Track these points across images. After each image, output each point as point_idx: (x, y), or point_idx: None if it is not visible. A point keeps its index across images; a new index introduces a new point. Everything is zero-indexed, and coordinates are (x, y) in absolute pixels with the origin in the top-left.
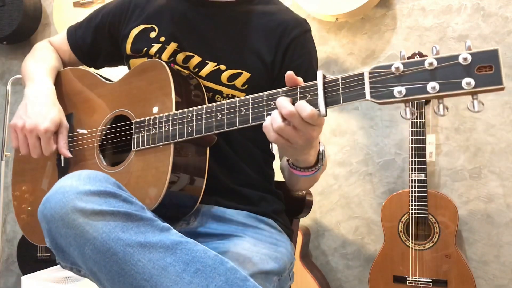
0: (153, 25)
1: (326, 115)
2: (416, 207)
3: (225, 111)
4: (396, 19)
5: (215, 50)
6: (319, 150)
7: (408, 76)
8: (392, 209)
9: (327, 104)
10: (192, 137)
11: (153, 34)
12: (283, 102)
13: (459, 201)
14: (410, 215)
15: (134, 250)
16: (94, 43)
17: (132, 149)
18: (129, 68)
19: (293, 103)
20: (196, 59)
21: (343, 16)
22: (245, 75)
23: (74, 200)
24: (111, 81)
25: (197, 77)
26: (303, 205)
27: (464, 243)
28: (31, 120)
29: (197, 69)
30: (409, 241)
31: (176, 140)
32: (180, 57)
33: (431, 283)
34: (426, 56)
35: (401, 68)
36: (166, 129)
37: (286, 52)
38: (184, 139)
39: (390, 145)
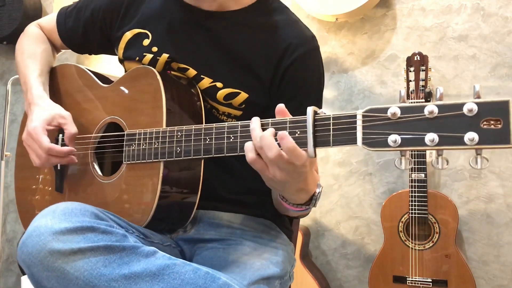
0: (146, 31)
1: (315, 156)
2: (416, 207)
3: (213, 136)
4: (396, 19)
5: (211, 65)
6: (314, 192)
7: (405, 124)
8: (392, 209)
9: (316, 144)
10: (181, 158)
11: (146, 42)
12: (270, 144)
13: (459, 201)
14: (410, 215)
15: (119, 284)
16: (85, 36)
17: (123, 162)
18: (124, 68)
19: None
20: (192, 72)
21: (343, 16)
22: (243, 95)
23: (51, 241)
24: (106, 79)
25: (197, 86)
26: None
27: (464, 243)
28: (25, 130)
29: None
30: (409, 241)
31: (165, 159)
32: (174, 66)
33: (431, 283)
34: (426, 56)
35: (398, 113)
36: (155, 146)
37: (286, 73)
38: (173, 159)
39: None
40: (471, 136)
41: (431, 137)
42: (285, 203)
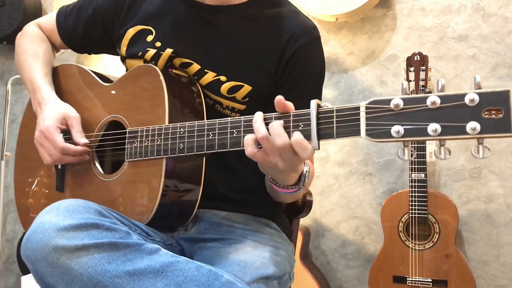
0: (150, 27)
1: (319, 148)
2: (416, 207)
3: (216, 131)
4: (396, 19)
5: (214, 59)
6: (302, 171)
7: (408, 114)
8: (392, 209)
9: (320, 137)
10: (184, 154)
11: (149, 38)
12: (280, 131)
13: (459, 201)
14: (410, 215)
15: (123, 281)
16: (86, 35)
17: (125, 160)
18: (126, 67)
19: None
20: (195, 67)
21: (343, 16)
22: (246, 88)
23: (55, 238)
24: (107, 79)
25: (197, 83)
26: (303, 205)
27: (464, 243)
28: (38, 128)
29: (196, 77)
30: (409, 241)
31: (167, 156)
32: (176, 62)
33: (431, 283)
34: (426, 56)
35: (401, 104)
36: (158, 142)
37: (289, 62)
38: (175, 155)
39: (390, 145)
40: (473, 125)
41: (433, 127)
42: (276, 186)
